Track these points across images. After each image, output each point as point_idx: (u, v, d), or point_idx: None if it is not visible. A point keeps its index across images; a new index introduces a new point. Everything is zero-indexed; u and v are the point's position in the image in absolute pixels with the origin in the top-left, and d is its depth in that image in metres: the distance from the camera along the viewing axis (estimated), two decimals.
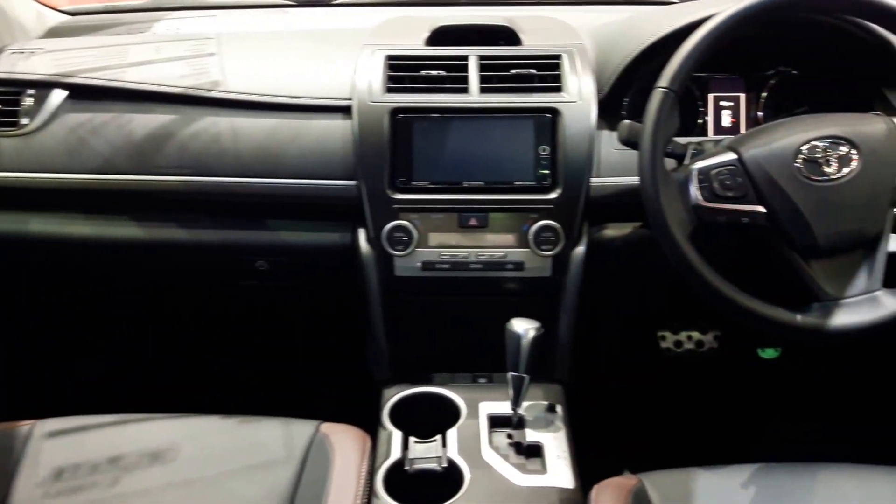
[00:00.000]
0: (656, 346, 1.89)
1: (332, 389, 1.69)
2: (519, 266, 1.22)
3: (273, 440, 1.10)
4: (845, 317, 1.01)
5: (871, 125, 1.04)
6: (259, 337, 1.86)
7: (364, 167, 1.18)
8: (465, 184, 1.19)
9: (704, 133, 1.36)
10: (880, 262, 1.04)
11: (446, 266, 1.22)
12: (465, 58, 1.24)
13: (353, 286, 1.28)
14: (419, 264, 1.21)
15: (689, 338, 1.88)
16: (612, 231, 1.27)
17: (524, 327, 1.10)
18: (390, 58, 1.23)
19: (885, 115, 1.07)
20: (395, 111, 1.18)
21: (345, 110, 1.21)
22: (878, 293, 1.02)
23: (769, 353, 1.90)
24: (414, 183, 1.19)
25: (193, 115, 1.23)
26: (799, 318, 1.01)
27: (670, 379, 1.93)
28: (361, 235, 1.23)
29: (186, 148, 1.21)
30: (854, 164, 1.01)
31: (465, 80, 1.21)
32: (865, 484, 1.04)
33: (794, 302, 1.03)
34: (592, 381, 1.74)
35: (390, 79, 1.21)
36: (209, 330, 1.86)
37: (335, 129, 1.21)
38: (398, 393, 1.23)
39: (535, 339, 1.09)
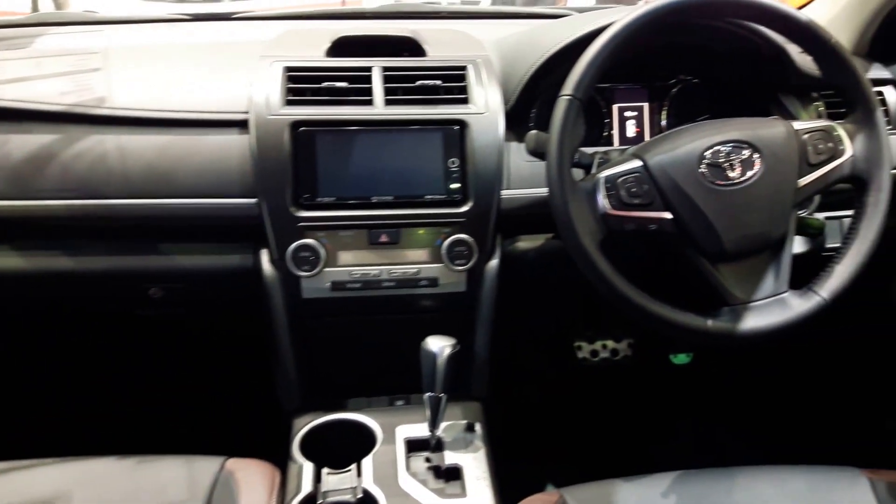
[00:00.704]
0: (573, 356, 1.89)
1: (239, 422, 1.61)
2: (433, 282, 1.19)
3: (174, 480, 1.03)
4: (754, 320, 1.02)
5: (771, 129, 1.05)
6: (159, 368, 1.76)
7: (264, 184, 1.12)
8: (374, 199, 1.15)
9: (610, 143, 1.36)
10: (786, 263, 1.05)
11: (357, 285, 1.17)
12: (369, 69, 1.20)
13: (257, 310, 1.21)
14: (328, 285, 1.16)
15: (605, 346, 1.89)
16: (525, 243, 1.26)
17: (439, 345, 1.06)
18: (289, 69, 1.18)
19: (783, 119, 1.09)
20: (296, 124, 1.13)
21: (241, 125, 1.15)
22: (786, 295, 1.04)
23: (681, 359, 1.93)
24: (319, 199, 1.14)
25: (77, 134, 1.14)
26: (709, 322, 1.01)
27: (588, 388, 1.94)
28: (264, 257, 1.17)
29: (69, 169, 1.13)
30: (756, 167, 1.02)
31: (368, 91, 1.17)
32: (781, 484, 1.05)
33: (705, 307, 1.03)
34: (511, 395, 1.73)
35: (290, 91, 1.16)
36: (104, 363, 1.74)
37: (232, 145, 1.15)
38: (310, 422, 1.18)
39: (452, 357, 1.06)
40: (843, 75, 1.07)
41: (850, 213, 1.10)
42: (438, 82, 1.20)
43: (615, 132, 1.37)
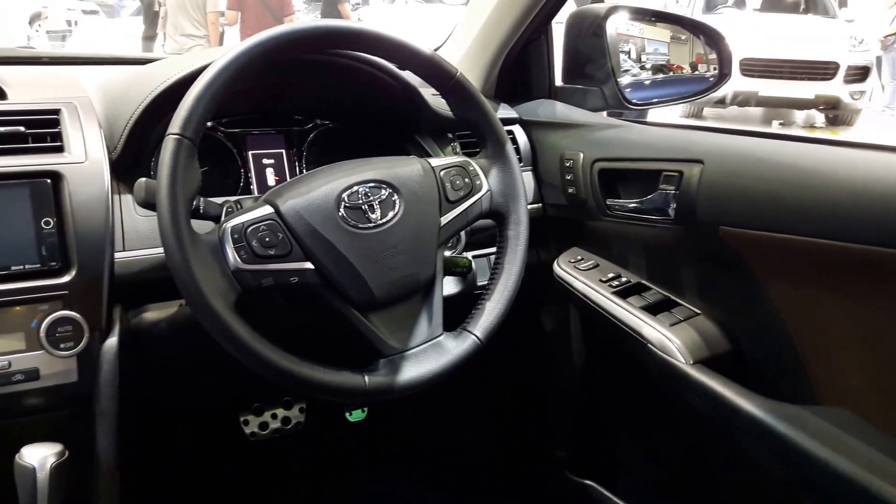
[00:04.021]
0: (241, 434, 1.71)
1: None
2: (31, 375, 0.94)
3: None
4: (413, 369, 0.95)
5: (408, 167, 1.01)
6: None
7: None
8: None
9: (250, 194, 1.24)
10: (437, 305, 1.01)
11: None
12: None
13: None
14: None
15: (275, 416, 1.73)
16: (154, 313, 1.07)
17: (39, 456, 0.84)
18: None
19: (420, 157, 1.05)
20: None
21: None
22: (441, 338, 0.99)
23: (357, 416, 1.84)
24: None
25: None
26: (367, 379, 0.92)
27: (262, 465, 1.76)
28: None
29: None
30: (397, 207, 0.96)
31: None
32: None
33: (363, 363, 0.94)
34: (166, 498, 1.50)
35: None
36: None
37: None
38: None
39: (59, 469, 0.84)
40: (470, 110, 1.06)
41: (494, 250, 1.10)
42: (22, 129, 0.98)
43: (253, 181, 1.25)
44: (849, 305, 0.98)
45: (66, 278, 0.94)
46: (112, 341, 0.99)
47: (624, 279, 1.29)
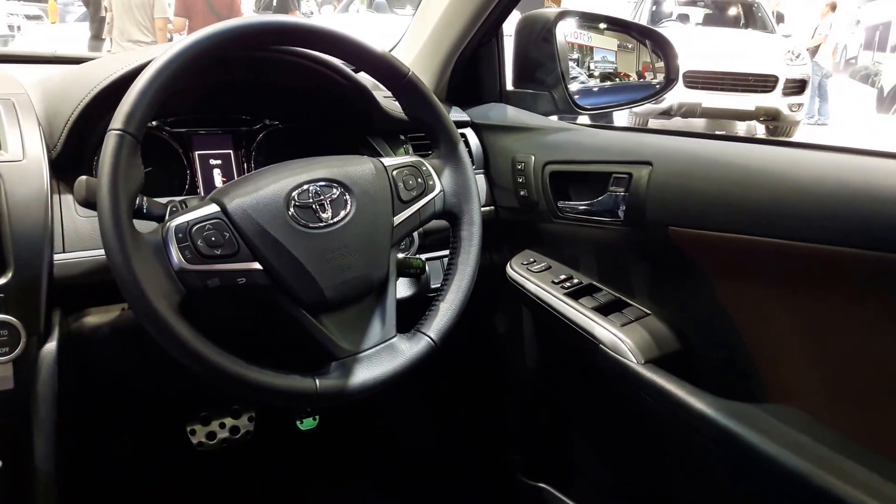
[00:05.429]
0: (188, 444, 1.66)
1: None
2: None
3: None
4: (365, 372, 0.93)
5: (360, 166, 0.99)
6: None
7: None
8: None
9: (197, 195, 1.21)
10: (391, 307, 0.99)
11: None
12: None
13: None
14: None
15: (223, 426, 1.69)
16: (96, 317, 1.03)
17: None
18: None
19: (371, 157, 1.04)
20: None
21: None
22: (394, 340, 0.98)
23: (308, 424, 1.81)
24: None
25: None
26: (318, 382, 0.90)
27: (209, 479, 1.71)
28: None
29: None
30: (349, 206, 0.95)
31: None
32: None
33: (314, 365, 0.92)
34: None
35: None
36: None
37: None
38: None
39: None
40: (423, 110, 1.05)
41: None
42: None
43: (200, 183, 1.22)
44: (796, 303, 0.99)
45: (1, 280, 0.90)
46: (51, 346, 0.95)
47: (575, 280, 1.29)
